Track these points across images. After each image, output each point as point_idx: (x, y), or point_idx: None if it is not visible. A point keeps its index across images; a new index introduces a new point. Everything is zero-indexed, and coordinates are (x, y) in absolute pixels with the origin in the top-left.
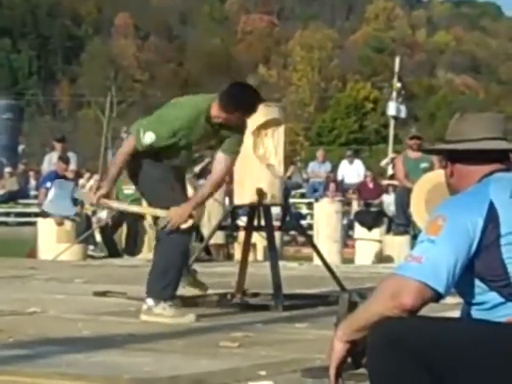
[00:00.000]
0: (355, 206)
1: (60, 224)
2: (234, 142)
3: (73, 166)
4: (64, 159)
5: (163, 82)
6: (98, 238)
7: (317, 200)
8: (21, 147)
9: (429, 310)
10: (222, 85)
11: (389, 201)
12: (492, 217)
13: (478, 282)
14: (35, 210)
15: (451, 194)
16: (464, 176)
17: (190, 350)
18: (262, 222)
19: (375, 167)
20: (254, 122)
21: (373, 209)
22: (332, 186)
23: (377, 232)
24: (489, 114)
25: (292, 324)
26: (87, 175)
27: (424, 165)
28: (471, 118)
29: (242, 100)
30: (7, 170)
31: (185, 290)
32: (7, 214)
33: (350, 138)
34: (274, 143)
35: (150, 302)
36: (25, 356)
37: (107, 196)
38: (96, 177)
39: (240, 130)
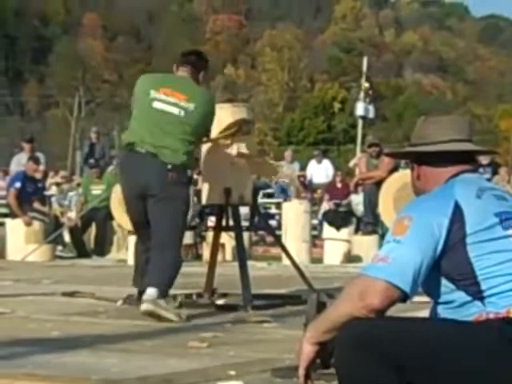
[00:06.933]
0: (325, 206)
1: (28, 224)
2: None
3: (42, 167)
4: (35, 159)
5: (131, 82)
6: (67, 238)
7: (285, 200)
8: None
9: (397, 310)
10: None
11: (357, 200)
12: (457, 217)
13: (444, 282)
14: (4, 210)
15: (417, 196)
16: (430, 178)
17: (158, 351)
18: (231, 222)
19: (343, 167)
20: (222, 121)
21: (341, 209)
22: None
23: (345, 232)
24: (454, 117)
25: (261, 324)
26: (51, 174)
27: None
28: (436, 121)
29: None
30: None
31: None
32: None
33: (318, 137)
34: (245, 144)
35: (154, 293)
36: None
37: None
38: (62, 173)
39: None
